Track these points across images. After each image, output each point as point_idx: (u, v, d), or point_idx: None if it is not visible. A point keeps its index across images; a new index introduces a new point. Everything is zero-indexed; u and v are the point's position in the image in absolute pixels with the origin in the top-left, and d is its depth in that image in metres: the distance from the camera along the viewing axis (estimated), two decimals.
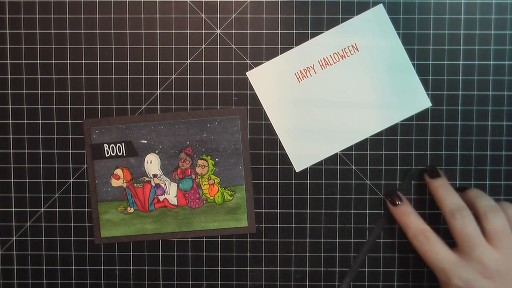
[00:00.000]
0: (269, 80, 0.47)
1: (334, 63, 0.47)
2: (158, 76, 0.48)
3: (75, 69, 0.48)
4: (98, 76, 0.48)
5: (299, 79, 0.47)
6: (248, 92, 0.47)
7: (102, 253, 0.48)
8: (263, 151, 0.48)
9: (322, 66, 0.47)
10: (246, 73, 0.47)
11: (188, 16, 0.47)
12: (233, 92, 0.48)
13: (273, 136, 0.48)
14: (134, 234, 0.48)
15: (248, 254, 0.48)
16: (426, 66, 0.47)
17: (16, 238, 0.49)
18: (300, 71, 0.47)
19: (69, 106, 0.48)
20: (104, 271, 0.49)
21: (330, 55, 0.47)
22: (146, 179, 0.48)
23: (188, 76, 0.48)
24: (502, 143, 0.47)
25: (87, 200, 0.48)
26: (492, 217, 0.41)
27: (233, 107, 0.48)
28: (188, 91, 0.48)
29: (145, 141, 0.48)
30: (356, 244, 0.48)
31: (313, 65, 0.47)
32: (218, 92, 0.48)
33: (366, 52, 0.47)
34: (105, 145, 0.48)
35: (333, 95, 0.47)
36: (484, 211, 0.42)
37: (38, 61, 0.48)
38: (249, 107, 0.48)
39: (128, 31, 0.47)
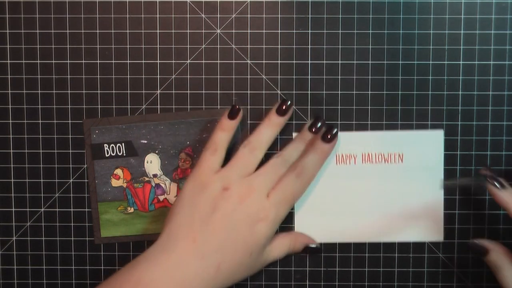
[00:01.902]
0: None
1: (376, 162, 0.47)
2: (158, 76, 0.48)
3: (75, 69, 0.48)
4: (98, 76, 0.48)
5: (338, 162, 0.47)
6: (248, 92, 0.47)
7: (102, 253, 0.48)
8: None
9: (364, 161, 0.47)
10: (293, 133, 0.47)
11: (188, 16, 0.47)
12: (233, 92, 0.48)
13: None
14: (134, 234, 0.48)
15: None
16: (426, 66, 0.47)
17: (16, 238, 0.49)
18: (342, 154, 0.47)
19: (69, 106, 0.48)
20: (104, 271, 0.49)
21: (375, 153, 0.47)
22: (146, 179, 0.48)
23: (188, 76, 0.48)
24: (502, 143, 0.47)
25: (87, 200, 0.48)
26: None
27: None
28: (188, 91, 0.48)
29: (145, 141, 0.48)
30: (356, 245, 0.48)
31: (356, 155, 0.47)
32: (218, 92, 0.48)
33: (408, 168, 0.47)
34: (105, 145, 0.48)
35: (363, 191, 0.47)
36: None
37: (38, 61, 0.48)
38: (249, 107, 0.47)
39: (128, 31, 0.47)
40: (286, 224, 0.48)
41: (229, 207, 0.42)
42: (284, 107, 0.46)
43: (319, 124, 0.46)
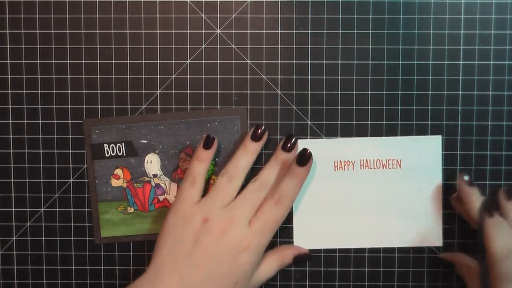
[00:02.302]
0: None
1: (374, 168, 0.47)
2: (158, 76, 0.48)
3: (75, 69, 0.48)
4: (98, 76, 0.48)
5: (336, 168, 0.47)
6: (248, 92, 0.48)
7: (102, 253, 0.48)
8: (263, 151, 0.48)
9: (362, 166, 0.47)
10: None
11: (188, 16, 0.47)
12: (233, 92, 0.48)
13: (273, 136, 0.48)
14: (134, 234, 0.48)
15: None
16: (426, 66, 0.47)
17: (16, 238, 0.49)
18: (340, 161, 0.47)
19: (69, 106, 0.48)
20: (104, 271, 0.49)
21: (374, 159, 0.47)
22: (146, 179, 0.48)
23: (188, 76, 0.48)
24: (502, 143, 0.47)
25: (87, 200, 0.48)
26: None
27: (233, 107, 0.48)
28: (188, 91, 0.48)
29: (145, 141, 0.48)
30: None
31: (354, 161, 0.47)
32: (218, 92, 0.48)
33: (406, 173, 0.47)
34: (105, 145, 0.48)
35: (361, 196, 0.47)
36: None
37: (38, 61, 0.48)
38: (249, 107, 0.48)
39: (128, 31, 0.47)
40: (286, 224, 0.48)
41: (210, 239, 0.42)
42: (258, 133, 0.46)
43: (290, 143, 0.46)
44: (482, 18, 0.47)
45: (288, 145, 0.46)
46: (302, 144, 0.47)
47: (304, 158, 0.44)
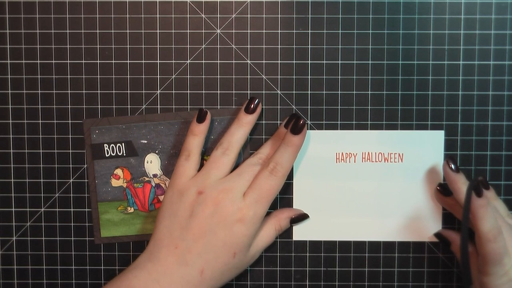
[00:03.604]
0: (310, 148, 0.47)
1: (376, 161, 0.47)
2: (158, 76, 0.48)
3: (75, 69, 0.48)
4: (98, 76, 0.48)
5: (338, 160, 0.47)
6: (248, 92, 0.47)
7: (102, 253, 0.48)
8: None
9: (364, 159, 0.47)
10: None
11: (188, 16, 0.47)
12: (233, 92, 0.48)
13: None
14: (134, 234, 0.48)
15: None
16: (426, 66, 0.47)
17: (16, 238, 0.49)
18: (342, 153, 0.47)
19: (69, 106, 0.48)
20: (104, 271, 0.49)
21: (376, 152, 0.47)
22: (146, 179, 0.48)
23: (188, 76, 0.48)
24: (502, 143, 0.47)
25: (87, 200, 0.48)
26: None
27: (233, 107, 0.48)
28: (188, 91, 0.48)
29: (145, 141, 0.48)
30: (356, 245, 0.48)
31: (356, 153, 0.47)
32: (218, 92, 0.48)
33: (408, 167, 0.47)
34: (105, 145, 0.48)
35: (362, 189, 0.47)
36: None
37: (38, 61, 0.48)
38: None
39: (128, 31, 0.47)
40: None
41: (205, 211, 0.42)
42: (252, 106, 0.46)
43: (298, 125, 0.45)
44: (482, 18, 0.47)
45: (290, 123, 0.45)
46: None
47: (298, 127, 0.44)
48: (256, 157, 0.45)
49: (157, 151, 0.48)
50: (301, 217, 0.47)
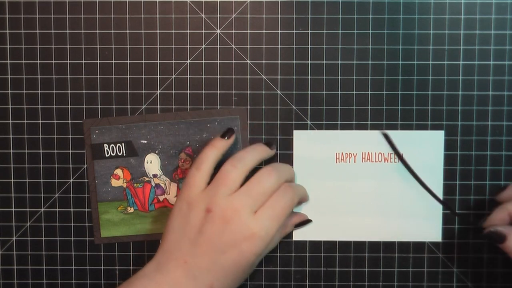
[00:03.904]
0: (310, 148, 0.47)
1: (376, 161, 0.47)
2: (158, 76, 0.48)
3: (75, 69, 0.48)
4: (98, 76, 0.48)
5: (338, 160, 0.47)
6: (248, 92, 0.48)
7: (102, 253, 0.48)
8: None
9: (364, 159, 0.47)
10: (294, 131, 0.47)
11: (188, 16, 0.47)
12: (233, 92, 0.48)
13: (273, 136, 0.48)
14: (134, 234, 0.48)
15: None
16: (426, 66, 0.47)
17: (16, 238, 0.49)
18: (342, 153, 0.47)
19: (69, 106, 0.48)
20: (104, 271, 0.49)
21: (375, 152, 0.47)
22: (146, 179, 0.48)
23: (188, 76, 0.48)
24: (502, 143, 0.47)
25: (87, 200, 0.48)
26: None
27: (233, 107, 0.48)
28: (188, 91, 0.48)
29: (145, 141, 0.48)
30: (356, 245, 0.48)
31: (356, 154, 0.47)
32: (218, 92, 0.48)
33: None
34: (105, 145, 0.48)
35: (362, 189, 0.47)
36: None
37: (38, 61, 0.48)
38: (249, 107, 0.48)
39: (128, 31, 0.47)
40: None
41: (214, 229, 0.42)
42: (271, 144, 0.47)
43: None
44: (482, 18, 0.47)
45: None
46: (303, 136, 0.47)
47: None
48: (267, 175, 0.44)
49: (157, 151, 0.48)
50: (305, 222, 0.47)
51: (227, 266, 0.42)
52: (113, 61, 0.47)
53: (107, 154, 0.48)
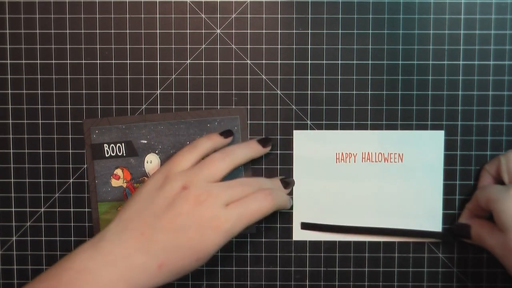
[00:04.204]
0: (310, 148, 0.47)
1: (376, 161, 0.47)
2: (158, 76, 0.48)
3: (75, 69, 0.48)
4: (98, 76, 0.48)
5: (338, 160, 0.47)
6: (248, 92, 0.48)
7: None
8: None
9: (364, 159, 0.47)
10: (294, 131, 0.47)
11: (188, 16, 0.47)
12: (233, 92, 0.48)
13: (273, 136, 0.48)
14: None
15: (248, 254, 0.48)
16: (426, 66, 0.47)
17: (16, 238, 0.49)
18: (342, 153, 0.47)
19: (69, 106, 0.48)
20: None
21: (375, 152, 0.47)
22: (146, 179, 0.48)
23: (188, 76, 0.48)
24: (502, 143, 0.47)
25: (87, 200, 0.48)
26: None
27: (233, 107, 0.48)
28: (188, 91, 0.48)
29: (145, 141, 0.48)
30: (356, 245, 0.48)
31: (356, 154, 0.47)
32: (218, 92, 0.48)
33: (408, 168, 0.47)
34: (105, 145, 0.48)
35: (362, 189, 0.47)
36: None
37: (38, 61, 0.48)
38: (249, 107, 0.48)
39: (128, 31, 0.47)
40: (284, 224, 0.48)
41: (183, 207, 0.41)
42: (266, 142, 0.47)
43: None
44: (482, 18, 0.47)
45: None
46: (303, 136, 0.47)
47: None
48: (251, 179, 0.45)
49: (157, 151, 0.48)
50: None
51: (183, 249, 0.41)
52: (113, 61, 0.47)
53: (107, 154, 0.48)
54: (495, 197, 0.42)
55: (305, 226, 0.47)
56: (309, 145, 0.47)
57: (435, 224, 0.47)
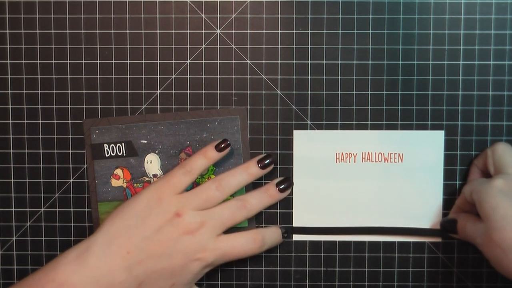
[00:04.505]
0: (310, 148, 0.47)
1: (376, 161, 0.47)
2: (158, 76, 0.48)
3: (75, 69, 0.48)
4: (98, 76, 0.48)
5: (338, 159, 0.47)
6: (248, 92, 0.48)
7: None
8: (263, 151, 0.48)
9: (364, 159, 0.47)
10: (294, 131, 0.47)
11: (188, 16, 0.47)
12: (233, 92, 0.48)
13: (273, 136, 0.48)
14: None
15: None
16: (426, 66, 0.47)
17: (16, 238, 0.49)
18: (342, 153, 0.47)
19: (69, 106, 0.48)
20: None
21: (375, 152, 0.47)
22: (146, 179, 0.48)
23: (188, 76, 0.48)
24: None
25: (87, 200, 0.48)
26: None
27: (233, 107, 0.48)
28: (188, 91, 0.48)
29: (145, 141, 0.48)
30: (356, 245, 0.48)
31: (356, 154, 0.47)
32: (218, 92, 0.48)
33: (408, 168, 0.47)
34: (105, 145, 0.48)
35: (362, 189, 0.47)
36: None
37: (38, 61, 0.48)
38: (249, 107, 0.48)
39: (128, 31, 0.47)
40: (284, 224, 0.48)
41: (173, 234, 0.42)
42: (265, 162, 0.46)
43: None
44: (482, 18, 0.47)
45: (284, 184, 0.47)
46: (303, 136, 0.47)
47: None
48: (240, 203, 0.45)
49: (157, 151, 0.48)
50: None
51: (163, 273, 0.42)
52: (113, 61, 0.47)
53: (107, 154, 0.48)
54: (477, 189, 0.42)
55: (297, 230, 0.48)
56: (309, 145, 0.48)
57: (435, 224, 0.47)
